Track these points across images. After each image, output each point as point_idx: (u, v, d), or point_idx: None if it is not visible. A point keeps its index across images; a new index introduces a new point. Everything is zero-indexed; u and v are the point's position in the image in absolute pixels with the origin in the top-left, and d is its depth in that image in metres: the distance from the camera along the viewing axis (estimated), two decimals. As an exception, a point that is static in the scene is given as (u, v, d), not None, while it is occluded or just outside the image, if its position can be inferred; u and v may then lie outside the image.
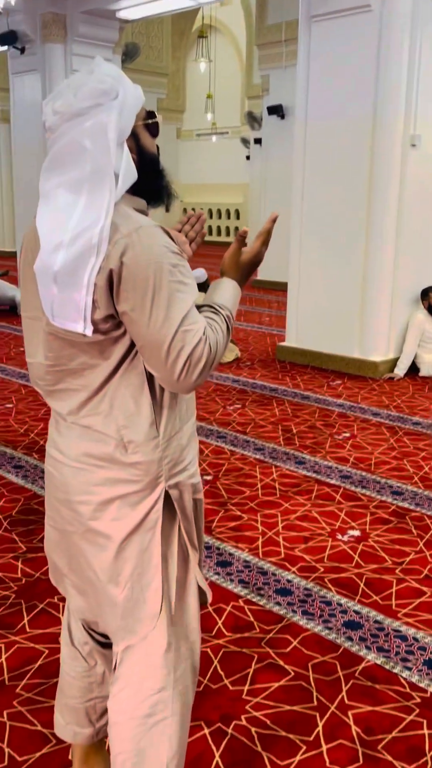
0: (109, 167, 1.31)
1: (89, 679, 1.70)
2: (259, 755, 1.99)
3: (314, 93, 6.36)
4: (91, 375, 1.40)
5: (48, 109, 1.36)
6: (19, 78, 9.14)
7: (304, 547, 3.19)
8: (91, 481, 1.44)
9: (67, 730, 1.74)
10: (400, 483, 3.96)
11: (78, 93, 1.32)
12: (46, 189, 1.37)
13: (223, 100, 20.57)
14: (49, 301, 1.34)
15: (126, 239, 1.29)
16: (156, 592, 1.45)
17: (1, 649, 2.43)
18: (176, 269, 1.33)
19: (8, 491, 3.76)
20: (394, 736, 2.06)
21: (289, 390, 5.91)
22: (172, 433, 1.45)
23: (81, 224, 1.29)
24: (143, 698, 1.47)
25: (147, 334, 1.31)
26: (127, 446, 1.40)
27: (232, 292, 1.53)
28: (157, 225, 1.36)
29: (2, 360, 6.89)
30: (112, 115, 1.32)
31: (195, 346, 1.32)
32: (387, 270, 6.20)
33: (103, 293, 1.30)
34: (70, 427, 1.46)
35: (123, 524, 1.43)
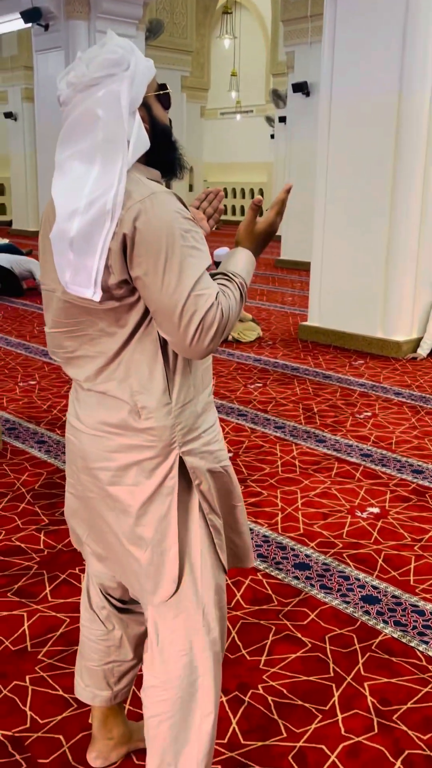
0: (121, 135, 1.33)
1: (107, 642, 1.74)
2: (275, 722, 2.02)
3: (339, 69, 6.28)
4: (107, 342, 1.42)
5: (62, 83, 1.38)
6: (43, 56, 9.12)
7: (323, 523, 3.21)
8: (109, 447, 1.46)
9: (87, 692, 1.79)
10: (420, 462, 3.96)
11: (90, 64, 1.34)
12: (60, 160, 1.38)
13: (248, 77, 20.38)
14: (64, 269, 1.36)
15: (139, 204, 1.31)
16: (174, 558, 1.46)
17: (24, 617, 2.48)
18: (188, 234, 1.34)
19: (31, 465, 3.81)
20: (409, 707, 2.08)
21: (310, 369, 5.90)
22: (185, 400, 1.46)
23: (95, 191, 1.31)
24: (177, 661, 1.51)
25: (160, 298, 1.33)
26: (141, 412, 1.42)
27: (247, 261, 1.53)
28: (170, 191, 1.37)
29: (26, 338, 6.96)
30: (124, 84, 1.34)
31: (207, 310, 1.33)
32: (411, 249, 6.14)
33: (117, 258, 1.32)
34: (87, 394, 1.48)
35: (140, 490, 1.45)
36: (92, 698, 1.79)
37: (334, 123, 6.41)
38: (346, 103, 6.27)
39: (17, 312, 8.31)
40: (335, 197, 6.52)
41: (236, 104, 20.62)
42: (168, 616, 1.50)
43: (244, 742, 1.95)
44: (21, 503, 3.36)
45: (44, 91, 9.24)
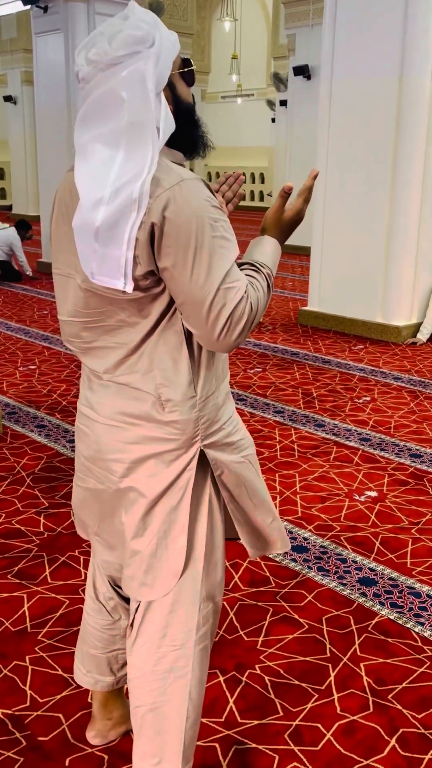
0: (148, 119, 1.26)
1: (113, 632, 1.75)
2: (272, 702, 2.04)
3: (340, 52, 6.24)
4: (129, 333, 1.38)
5: (81, 59, 1.29)
6: (42, 38, 9.05)
7: (321, 507, 3.23)
8: (125, 438, 1.43)
9: (88, 678, 1.80)
10: (419, 446, 3.97)
11: (113, 41, 1.25)
12: (81, 143, 1.30)
13: (249, 60, 20.22)
14: (89, 259, 1.30)
15: (168, 193, 1.26)
16: (180, 550, 1.44)
17: (24, 599, 2.50)
18: (218, 224, 1.30)
19: (31, 449, 3.83)
20: (404, 686, 2.11)
21: (310, 354, 5.91)
22: (209, 392, 1.44)
23: (121, 179, 1.25)
24: (164, 654, 1.49)
25: (188, 290, 1.29)
26: (165, 405, 1.39)
27: (273, 251, 1.48)
28: (198, 178, 1.32)
29: (26, 323, 6.96)
30: (149, 64, 1.25)
31: (237, 304, 1.30)
32: (411, 234, 6.13)
33: (144, 248, 1.27)
34: (105, 385, 1.44)
35: (156, 482, 1.42)
36: (94, 684, 1.80)
37: (334, 106, 6.38)
38: (347, 86, 6.24)
39: (17, 297, 8.30)
40: (335, 182, 6.49)
41: (237, 87, 20.47)
42: (162, 610, 1.48)
43: (240, 721, 1.97)
44: (21, 487, 3.38)
45: (44, 74, 9.19)
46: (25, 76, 16.37)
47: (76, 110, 8.77)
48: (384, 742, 1.90)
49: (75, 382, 5.04)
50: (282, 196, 1.48)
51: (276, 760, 1.84)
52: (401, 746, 1.89)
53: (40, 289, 8.67)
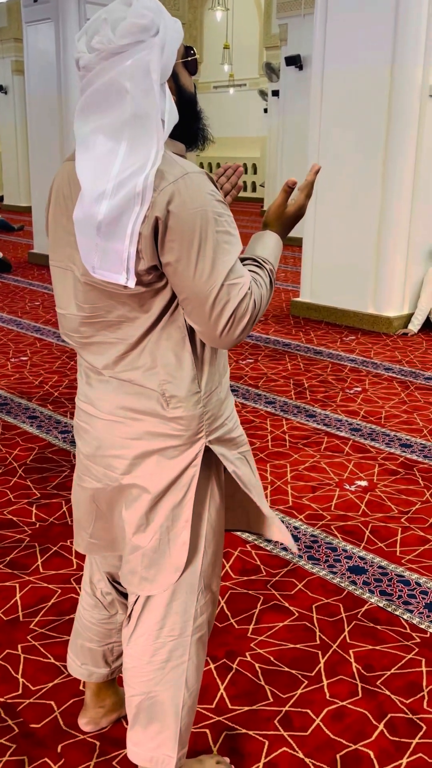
0: (153, 111, 1.23)
1: (109, 626, 1.75)
2: (262, 688, 2.07)
3: (332, 42, 6.23)
4: (129, 328, 1.36)
5: (82, 45, 1.25)
6: (33, 27, 8.99)
7: (312, 496, 3.25)
8: (127, 434, 1.41)
9: (83, 670, 1.80)
10: (409, 436, 4.00)
11: (117, 29, 1.21)
12: (83, 133, 1.27)
13: (241, 50, 20.13)
14: (90, 253, 1.28)
15: (172, 186, 1.24)
16: (183, 545, 1.44)
17: (16, 588, 2.52)
18: (222, 219, 1.28)
19: (23, 440, 3.84)
20: (393, 672, 2.14)
21: (302, 345, 5.93)
22: (212, 388, 1.43)
23: (124, 172, 1.22)
24: (162, 644, 1.50)
25: (192, 286, 1.27)
26: (169, 401, 1.38)
27: (275, 246, 1.47)
28: (202, 171, 1.30)
29: (17, 314, 6.95)
30: (154, 54, 1.22)
31: (240, 301, 1.29)
32: (402, 225, 6.14)
33: (148, 243, 1.25)
34: (105, 380, 1.42)
35: (160, 478, 1.42)
36: (89, 675, 1.81)
37: (326, 96, 6.37)
38: (339, 76, 6.23)
39: (8, 288, 8.28)
40: (327, 172, 6.47)
41: (229, 78, 20.39)
42: (162, 602, 1.49)
43: (231, 707, 1.99)
44: (13, 477, 3.39)
45: (34, 63, 9.13)
46: (16, 65, 16.25)
47: (67, 100, 8.79)
48: (372, 727, 1.93)
49: (67, 373, 5.04)
50: (285, 191, 1.46)
51: (266, 745, 1.87)
52: (389, 731, 1.92)
53: (32, 280, 8.65)
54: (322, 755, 1.83)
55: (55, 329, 6.28)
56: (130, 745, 1.58)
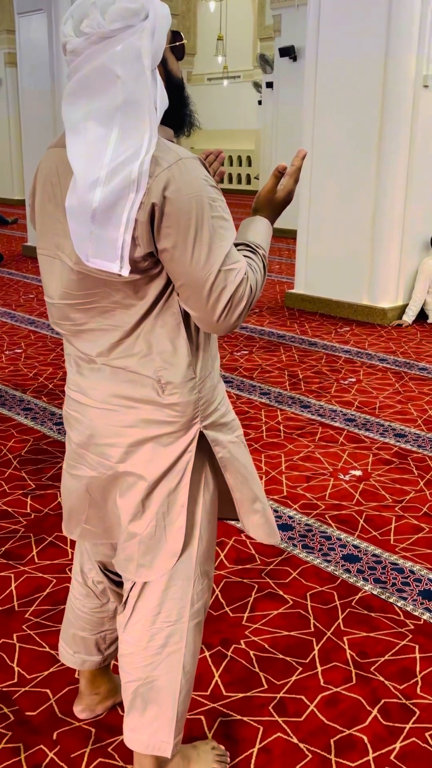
0: (144, 96, 1.21)
1: (101, 614, 1.76)
2: (257, 675, 2.08)
3: (325, 33, 6.21)
4: (123, 315, 1.35)
5: (69, 29, 1.24)
6: (25, 18, 8.94)
7: (306, 486, 3.26)
8: (122, 422, 1.41)
9: (75, 659, 1.81)
10: (403, 426, 4.01)
11: (106, 14, 1.19)
12: (73, 120, 1.25)
13: (235, 42, 20.04)
14: (84, 241, 1.26)
15: (167, 172, 1.23)
16: (179, 531, 1.45)
17: (12, 578, 2.52)
18: (216, 204, 1.28)
19: (18, 432, 3.84)
20: (386, 659, 2.15)
21: (296, 336, 5.93)
22: (206, 373, 1.43)
23: (117, 158, 1.21)
24: (159, 630, 1.50)
25: (188, 272, 1.27)
26: (164, 387, 1.38)
27: (266, 231, 1.47)
28: (195, 157, 1.30)
29: (11, 307, 6.93)
30: (144, 39, 1.20)
31: (238, 285, 1.29)
32: (397, 216, 6.14)
33: (144, 229, 1.24)
34: (97, 368, 1.42)
35: (155, 465, 1.42)
36: (81, 664, 1.81)
37: (320, 87, 6.36)
38: (332, 67, 6.22)
39: (2, 280, 8.26)
40: (321, 164, 6.49)
41: (223, 69, 20.32)
42: (158, 588, 1.49)
43: (226, 694, 2.01)
44: (8, 469, 3.39)
45: (27, 55, 9.08)
46: (9, 57, 16.18)
47: (61, 92, 8.72)
48: (366, 713, 1.94)
49: (61, 365, 5.04)
50: (276, 176, 1.47)
51: (260, 730, 1.88)
52: (383, 716, 1.93)
53: (26, 273, 8.63)
54: (316, 740, 1.85)
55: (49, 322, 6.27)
56: (127, 731, 1.59)
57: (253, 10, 19.03)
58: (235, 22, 19.76)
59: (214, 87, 21.73)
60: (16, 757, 1.79)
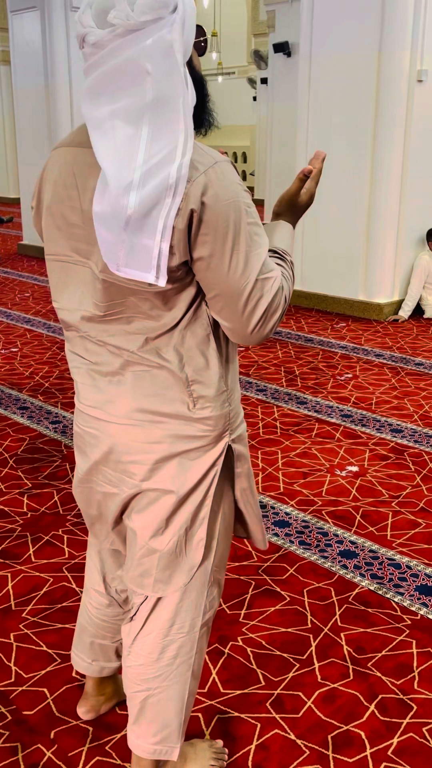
0: (176, 93, 1.14)
1: (122, 622, 1.71)
2: (254, 672, 2.08)
3: (319, 28, 6.20)
4: (151, 326, 1.28)
5: (88, 19, 1.15)
6: (18, 16, 8.91)
7: (303, 482, 3.26)
8: (147, 438, 1.34)
9: (94, 667, 1.79)
10: (400, 421, 4.01)
11: (135, 4, 1.11)
12: (98, 117, 1.16)
13: (229, 38, 20.01)
14: (114, 249, 1.17)
15: (204, 177, 1.17)
16: (199, 543, 1.41)
17: (8, 578, 2.52)
18: (251, 210, 1.23)
19: (14, 431, 3.83)
20: (384, 654, 2.15)
21: (293, 333, 5.93)
22: (234, 385, 1.40)
23: (150, 160, 1.13)
24: (171, 641, 1.48)
25: (225, 282, 1.22)
26: (197, 401, 1.32)
27: (291, 236, 1.44)
28: (228, 159, 1.24)
29: (7, 305, 6.92)
30: (175, 32, 1.12)
31: (274, 296, 1.25)
32: (392, 211, 6.14)
33: (181, 237, 1.18)
34: (117, 381, 1.34)
35: (182, 481, 1.36)
36: (100, 671, 1.80)
37: (314, 83, 6.35)
38: (326, 63, 6.21)
39: (-2, 280, 8.25)
40: (316, 159, 6.47)
41: (218, 65, 20.29)
42: (172, 601, 1.46)
43: (223, 691, 2.01)
44: (4, 468, 3.39)
45: (21, 53, 9.05)
46: (2, 56, 16.12)
47: (54, 90, 8.73)
48: (363, 708, 1.94)
49: (57, 364, 5.03)
50: (301, 179, 1.42)
51: (258, 727, 1.88)
52: (380, 711, 1.93)
53: (22, 272, 8.62)
54: (313, 736, 1.85)
55: (45, 320, 6.26)
56: (133, 737, 1.56)
57: (246, 6, 18.98)
58: (229, 19, 19.72)
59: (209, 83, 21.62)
60: (13, 757, 1.79)
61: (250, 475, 1.51)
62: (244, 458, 1.46)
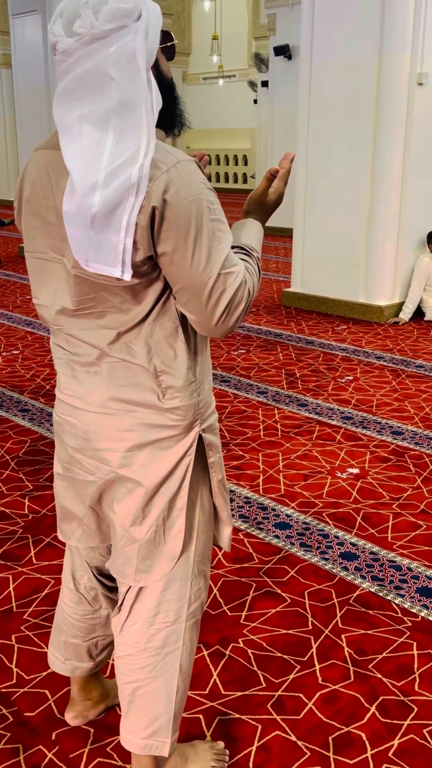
0: (140, 98, 1.19)
1: (93, 621, 1.74)
2: (255, 674, 2.08)
3: (319, 31, 6.22)
4: (121, 319, 1.34)
5: (59, 29, 1.21)
6: (20, 19, 8.94)
7: (304, 484, 3.27)
8: (120, 426, 1.40)
9: (66, 666, 1.78)
10: (400, 423, 4.02)
11: (99, 13, 1.16)
12: (67, 122, 1.23)
13: (230, 41, 20.05)
14: (82, 246, 1.24)
15: (166, 176, 1.22)
16: (178, 533, 1.45)
17: (10, 580, 2.52)
18: (214, 207, 1.28)
19: (15, 433, 3.84)
20: (384, 656, 2.15)
21: (293, 335, 5.93)
22: (203, 376, 1.44)
23: (114, 161, 1.19)
24: (157, 631, 1.50)
25: (188, 276, 1.27)
26: (166, 391, 1.37)
27: (259, 234, 1.48)
28: (192, 159, 1.29)
29: (8, 308, 6.93)
30: (138, 39, 1.18)
31: (237, 289, 1.29)
32: (392, 214, 6.14)
33: (144, 233, 1.23)
34: (93, 372, 1.40)
35: (155, 470, 1.41)
36: (72, 671, 1.79)
37: (314, 86, 6.36)
38: (327, 66, 6.22)
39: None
40: (317, 162, 6.49)
41: (218, 68, 20.32)
42: (156, 590, 1.49)
43: (224, 693, 2.01)
44: (5, 470, 3.39)
45: (22, 56, 9.08)
46: (3, 59, 16.16)
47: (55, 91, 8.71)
48: (364, 710, 1.95)
49: (58, 366, 5.03)
50: (268, 179, 1.48)
51: (259, 729, 1.88)
52: (381, 713, 1.93)
53: (23, 275, 8.63)
54: (314, 738, 1.85)
55: (46, 323, 6.27)
56: (124, 732, 1.58)
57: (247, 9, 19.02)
58: (229, 22, 19.76)
59: (210, 86, 21.74)
60: (15, 758, 1.80)
61: (222, 466, 1.54)
62: (215, 447, 1.50)
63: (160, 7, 1.29)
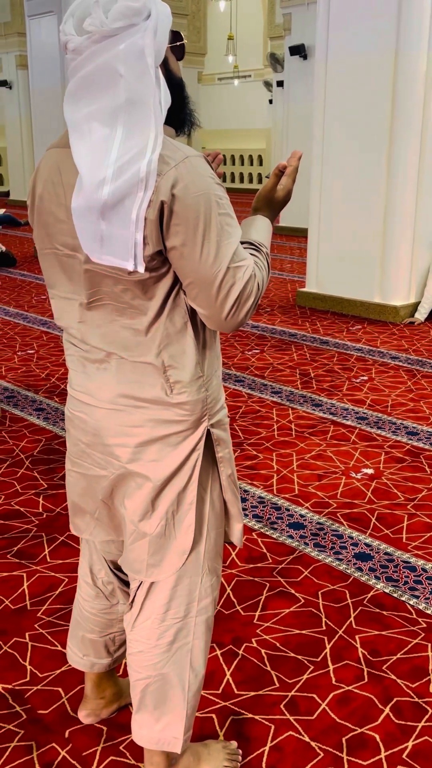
0: (148, 95, 1.22)
1: (110, 616, 1.74)
2: (268, 674, 2.08)
3: (335, 30, 6.19)
4: (133, 315, 1.35)
5: (70, 28, 1.24)
6: (36, 21, 8.99)
7: (318, 485, 3.25)
8: (130, 422, 1.41)
9: (85, 662, 1.79)
10: (415, 424, 3.99)
11: (109, 12, 1.19)
12: (76, 119, 1.26)
13: (245, 41, 20.05)
14: (92, 239, 1.26)
15: (175, 171, 1.24)
16: (188, 528, 1.46)
17: (24, 578, 2.53)
18: (223, 201, 1.29)
19: (30, 432, 3.86)
20: (399, 657, 2.14)
21: (308, 335, 5.92)
22: (212, 371, 1.45)
23: (122, 157, 1.21)
24: (168, 627, 1.51)
25: (197, 270, 1.28)
26: (173, 386, 1.38)
27: (267, 230, 1.49)
28: (200, 155, 1.31)
29: (24, 308, 6.96)
30: (147, 38, 1.20)
31: (246, 283, 1.31)
32: (408, 213, 6.11)
33: (153, 228, 1.24)
34: (103, 368, 1.42)
35: (164, 465, 1.42)
36: (91, 666, 1.80)
37: (330, 85, 6.34)
38: (342, 65, 6.20)
39: (15, 282, 8.30)
40: (332, 162, 6.47)
41: (234, 69, 20.31)
42: (167, 586, 1.50)
43: (237, 693, 2.00)
44: (20, 469, 3.41)
45: (38, 57, 9.13)
46: (20, 60, 16.25)
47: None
48: (378, 711, 1.94)
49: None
50: (276, 175, 1.49)
51: (272, 729, 1.88)
52: (395, 714, 1.92)
53: (39, 275, 8.67)
54: (327, 739, 1.84)
55: (61, 322, 6.29)
56: (136, 728, 1.59)
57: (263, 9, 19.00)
58: (245, 22, 19.76)
59: (225, 87, 21.74)
60: (28, 755, 1.80)
61: (232, 461, 1.55)
62: (224, 443, 1.50)
63: (175, 7, 1.30)
